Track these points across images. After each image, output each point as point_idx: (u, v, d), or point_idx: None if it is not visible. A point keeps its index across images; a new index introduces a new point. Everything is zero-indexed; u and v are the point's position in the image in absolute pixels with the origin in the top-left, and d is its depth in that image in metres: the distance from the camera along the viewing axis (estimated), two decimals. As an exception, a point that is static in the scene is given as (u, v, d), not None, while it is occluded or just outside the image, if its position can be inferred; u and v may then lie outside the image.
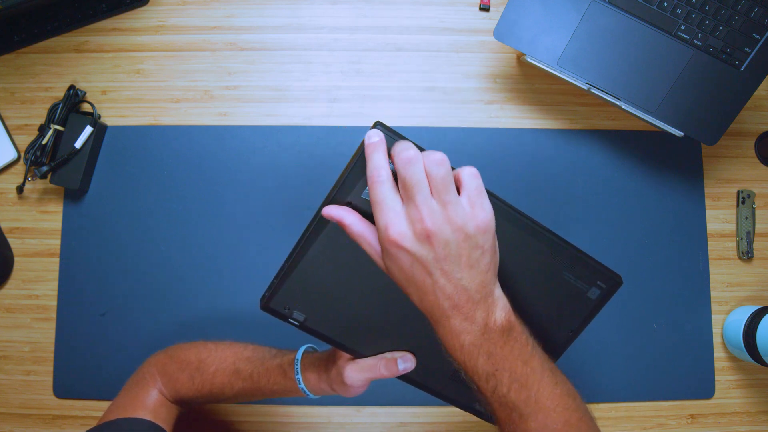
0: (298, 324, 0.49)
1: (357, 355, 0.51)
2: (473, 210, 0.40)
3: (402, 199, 0.40)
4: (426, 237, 0.39)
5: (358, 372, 0.51)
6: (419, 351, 0.50)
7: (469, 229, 0.40)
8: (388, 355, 0.50)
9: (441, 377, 0.51)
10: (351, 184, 0.43)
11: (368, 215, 0.43)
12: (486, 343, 0.41)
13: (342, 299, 0.48)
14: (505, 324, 0.42)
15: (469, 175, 0.41)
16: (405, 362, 0.50)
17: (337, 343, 0.50)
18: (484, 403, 0.44)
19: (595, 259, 0.48)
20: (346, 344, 0.50)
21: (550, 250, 0.46)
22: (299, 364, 0.55)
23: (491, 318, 0.41)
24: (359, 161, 0.42)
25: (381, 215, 0.40)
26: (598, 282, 0.48)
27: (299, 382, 0.55)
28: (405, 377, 0.51)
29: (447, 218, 0.40)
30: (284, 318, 0.49)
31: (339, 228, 0.44)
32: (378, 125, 0.42)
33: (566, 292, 0.48)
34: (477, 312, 0.41)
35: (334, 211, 0.43)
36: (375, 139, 0.41)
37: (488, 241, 0.41)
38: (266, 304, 0.48)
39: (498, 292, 0.42)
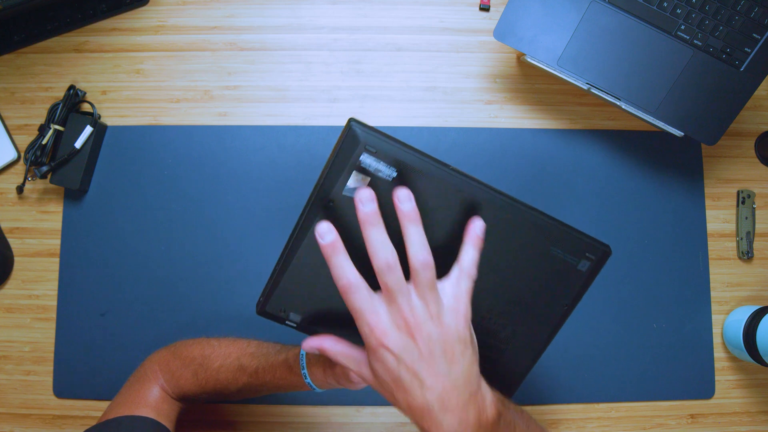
0: (295, 326, 0.48)
1: None
2: (456, 304, 0.42)
3: (381, 297, 0.41)
4: (409, 333, 0.40)
5: None
6: None
7: (450, 322, 0.41)
8: None
9: None
10: (333, 179, 0.43)
11: (351, 213, 0.42)
12: None
13: (338, 296, 0.48)
14: (495, 416, 0.42)
15: (470, 265, 0.43)
16: None
17: None
18: None
19: (582, 231, 0.48)
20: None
21: (536, 227, 0.46)
22: (305, 360, 0.55)
23: (483, 415, 0.41)
24: (339, 155, 0.42)
25: (363, 321, 0.41)
26: (587, 254, 0.48)
27: (306, 377, 0.54)
28: None
29: (428, 314, 0.41)
30: (281, 321, 0.48)
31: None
32: (353, 122, 0.41)
33: (556, 268, 0.48)
34: (469, 412, 0.41)
35: (312, 343, 0.45)
36: (329, 239, 0.41)
37: (468, 333, 0.42)
38: (262, 309, 0.48)
39: (484, 385, 0.43)
